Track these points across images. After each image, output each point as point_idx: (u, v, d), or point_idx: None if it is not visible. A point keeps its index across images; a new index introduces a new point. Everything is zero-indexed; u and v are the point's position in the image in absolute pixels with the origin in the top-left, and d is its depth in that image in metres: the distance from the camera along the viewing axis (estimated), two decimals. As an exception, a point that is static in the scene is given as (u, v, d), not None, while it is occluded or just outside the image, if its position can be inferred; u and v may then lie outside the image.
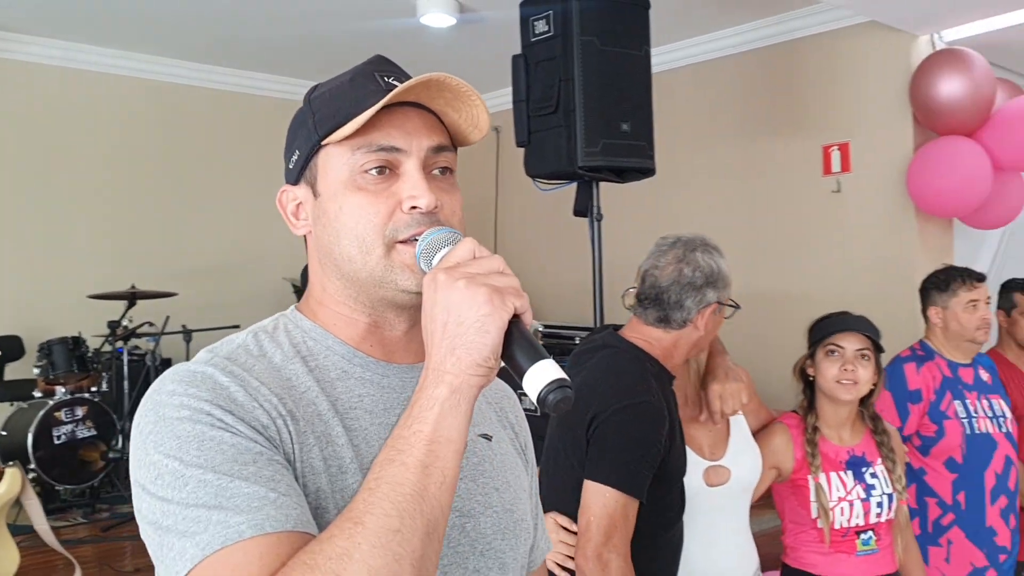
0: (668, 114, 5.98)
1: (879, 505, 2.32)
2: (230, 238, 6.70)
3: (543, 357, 0.88)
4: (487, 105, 1.09)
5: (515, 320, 0.89)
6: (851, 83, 5.37)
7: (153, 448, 0.88)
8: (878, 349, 2.39)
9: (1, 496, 3.40)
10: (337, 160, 1.02)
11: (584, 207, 3.98)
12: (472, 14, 5.24)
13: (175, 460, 0.87)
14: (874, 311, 3.19)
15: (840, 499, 2.31)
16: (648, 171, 3.94)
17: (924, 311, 3.11)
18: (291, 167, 1.08)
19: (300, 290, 6.69)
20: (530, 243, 7.18)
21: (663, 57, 5.94)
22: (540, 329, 5.98)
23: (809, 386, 2.47)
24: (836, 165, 5.46)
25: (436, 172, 1.05)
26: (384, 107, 0.98)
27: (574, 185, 3.99)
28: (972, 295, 2.98)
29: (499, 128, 6.81)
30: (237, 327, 6.02)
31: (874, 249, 5.27)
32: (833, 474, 2.35)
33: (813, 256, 5.53)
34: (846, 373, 2.34)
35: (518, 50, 3.97)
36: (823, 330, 2.41)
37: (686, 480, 2.05)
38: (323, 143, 1.03)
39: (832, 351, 2.37)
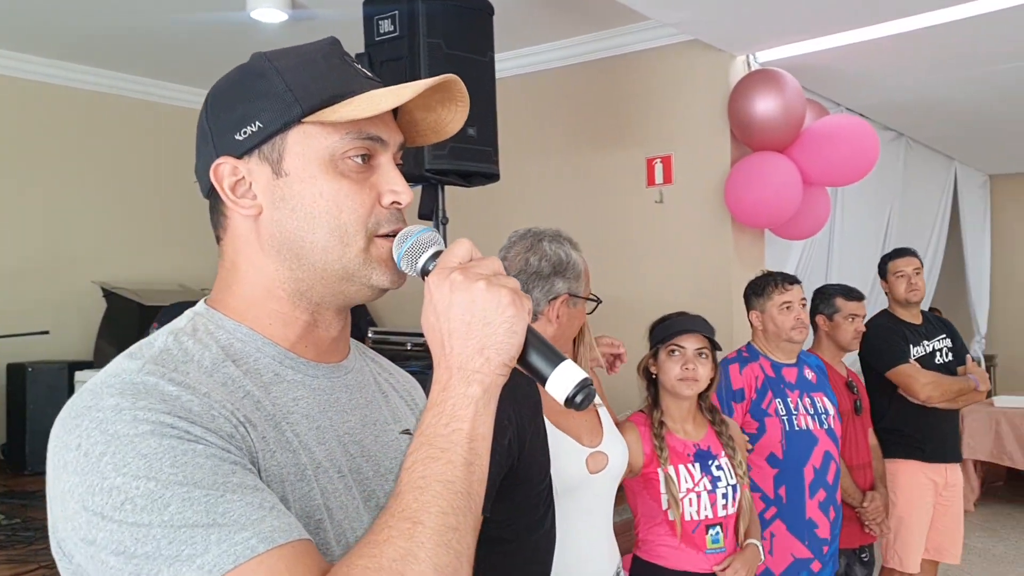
0: (506, 121, 6.08)
1: (724, 496, 2.46)
2: (34, 239, 6.22)
3: (563, 359, 0.93)
4: None
5: (528, 325, 0.94)
6: (674, 99, 5.64)
7: (113, 471, 0.80)
8: (715, 347, 2.53)
9: None
10: (318, 141, 0.98)
11: (429, 210, 3.98)
12: (304, 11, 5.11)
13: (148, 480, 0.79)
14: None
15: (689, 490, 2.43)
16: (493, 176, 4.00)
17: (748, 316, 3.31)
18: (240, 138, 0.99)
19: (112, 294, 6.31)
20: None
21: (500, 65, 6.03)
22: (370, 336, 5.91)
23: (652, 383, 2.58)
24: (659, 177, 5.70)
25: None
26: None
27: (419, 188, 3.98)
28: (785, 297, 3.20)
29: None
30: (46, 333, 5.63)
31: (693, 257, 5.55)
32: (681, 466, 2.46)
33: (639, 263, 5.76)
34: (687, 371, 2.47)
35: (353, 49, 3.91)
36: (665, 331, 2.54)
37: (569, 470, 2.09)
38: (304, 120, 0.98)
39: (673, 351, 2.49)
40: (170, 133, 6.71)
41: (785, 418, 3.10)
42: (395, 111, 1.06)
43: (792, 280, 3.26)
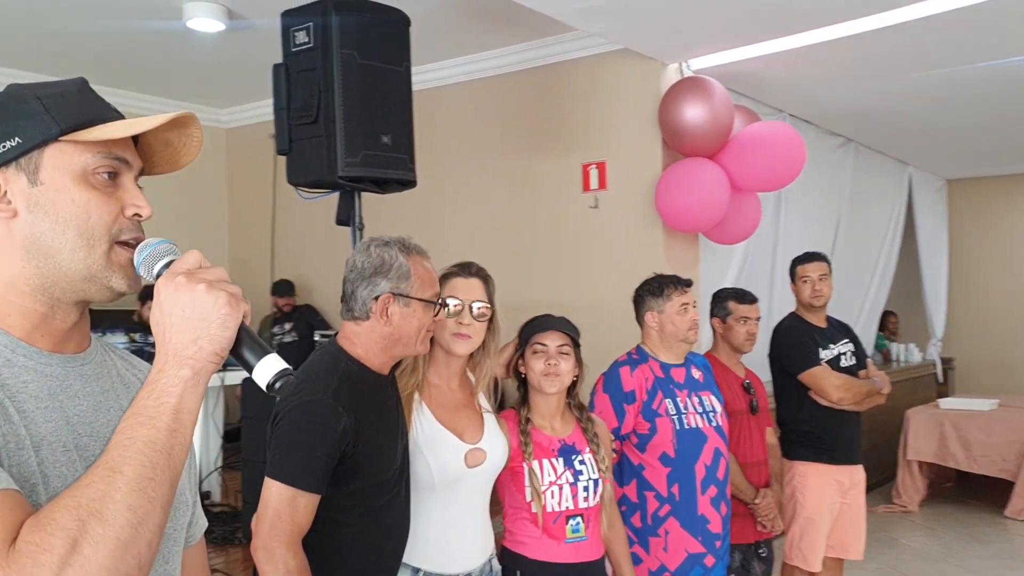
0: (438, 128, 6.20)
1: (586, 489, 2.57)
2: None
3: (268, 352, 1.08)
4: (266, 110, 1.28)
5: (241, 322, 1.08)
6: (608, 106, 5.75)
7: None
8: (576, 345, 2.65)
9: None
10: (71, 157, 1.12)
11: (346, 216, 4.08)
12: (241, 20, 5.22)
13: None
14: (625, 318, 3.50)
15: (551, 483, 2.54)
16: (409, 183, 4.09)
17: (639, 317, 3.40)
18: (2, 150, 1.12)
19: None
20: (306, 250, 7.20)
21: (434, 74, 6.14)
22: (317, 338, 6.00)
23: (522, 383, 2.69)
24: (595, 182, 5.81)
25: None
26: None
27: (335, 195, 4.08)
28: (683, 299, 3.30)
29: (275, 135, 6.79)
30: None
31: (627, 261, 5.64)
32: (545, 460, 2.58)
33: (574, 267, 5.87)
34: (550, 367, 2.58)
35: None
36: (530, 331, 2.64)
37: (449, 464, 2.27)
38: (60, 138, 1.11)
39: (537, 349, 2.60)
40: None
41: (675, 417, 3.18)
42: (135, 140, 1.18)
43: (688, 283, 3.36)
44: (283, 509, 1.92)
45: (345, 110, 3.81)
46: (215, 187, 7.74)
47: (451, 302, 2.36)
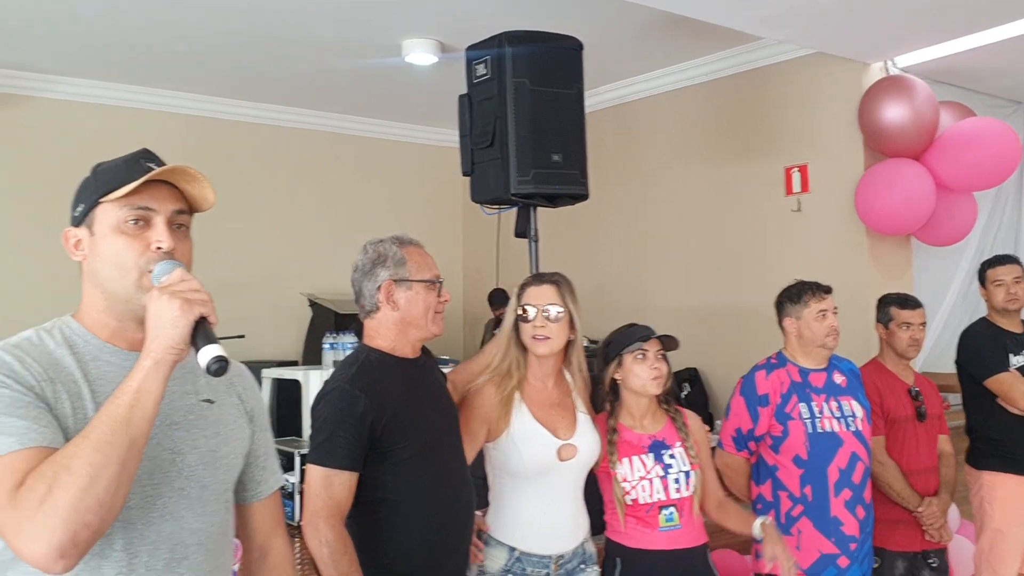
0: (640, 139, 6.43)
1: (676, 481, 2.75)
2: (250, 255, 7.34)
3: (211, 342, 1.41)
4: None
5: (203, 320, 1.42)
6: (808, 108, 5.71)
7: None
8: (668, 348, 2.85)
9: None
10: (109, 213, 1.54)
11: (523, 229, 4.44)
12: (453, 52, 5.74)
13: None
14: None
15: (641, 478, 2.74)
16: (580, 196, 4.37)
17: (780, 323, 3.47)
18: (76, 214, 1.59)
19: (316, 305, 7.28)
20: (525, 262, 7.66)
21: (633, 88, 6.39)
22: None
23: (613, 391, 2.89)
24: (797, 185, 5.79)
25: (176, 227, 1.58)
26: (146, 182, 1.51)
27: (514, 210, 4.46)
28: (821, 305, 3.34)
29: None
30: (242, 336, 6.64)
31: (829, 265, 5.56)
32: (635, 457, 2.77)
33: (774, 272, 5.85)
34: (655, 371, 2.77)
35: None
36: (628, 339, 2.83)
37: (542, 456, 2.54)
38: (100, 200, 1.54)
39: (640, 355, 2.79)
40: (356, 160, 7.71)
41: (808, 421, 3.23)
42: (178, 188, 1.59)
43: (827, 289, 3.39)
44: (320, 489, 2.20)
45: (517, 133, 4.17)
46: (451, 203, 8.39)
47: (527, 309, 2.64)
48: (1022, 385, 3.88)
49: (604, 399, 2.88)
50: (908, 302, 3.83)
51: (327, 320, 7.14)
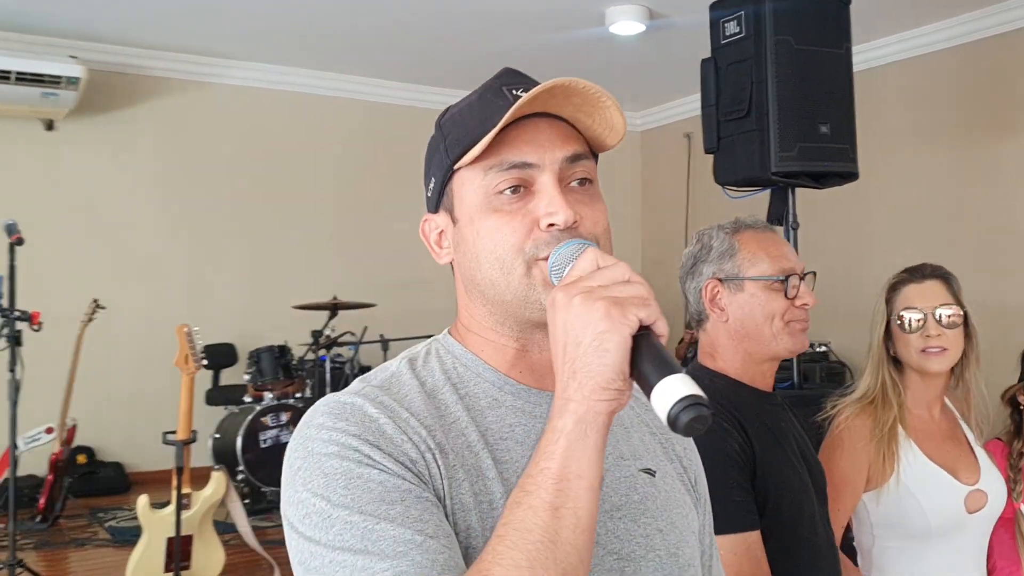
0: (869, 115, 5.67)
1: None
2: (424, 251, 6.87)
3: (673, 371, 0.79)
4: (680, 110, 1.03)
5: (644, 333, 0.81)
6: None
7: (302, 485, 0.87)
8: None
9: (207, 498, 3.60)
10: (470, 184, 0.98)
11: (779, 215, 3.80)
12: (662, 20, 5.14)
13: (322, 499, 0.85)
14: None
15: None
16: (851, 175, 3.72)
17: None
18: (429, 195, 1.05)
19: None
20: (674, 253, 7.03)
21: (865, 55, 5.63)
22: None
23: (1017, 411, 2.25)
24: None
25: (574, 184, 0.98)
26: (514, 121, 0.93)
27: (766, 192, 3.82)
28: None
29: (690, 135, 6.69)
30: (431, 336, 6.18)
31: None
32: None
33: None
34: None
35: (708, 55, 3.84)
36: None
37: (945, 508, 1.92)
38: (455, 167, 0.99)
39: None
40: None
41: None
42: (566, 121, 0.99)
43: None
44: (742, 558, 1.59)
45: (779, 100, 3.54)
46: (630, 189, 7.82)
47: (908, 316, 2.00)
48: None
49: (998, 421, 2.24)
50: None
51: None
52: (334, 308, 5.68)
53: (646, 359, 0.81)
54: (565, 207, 0.94)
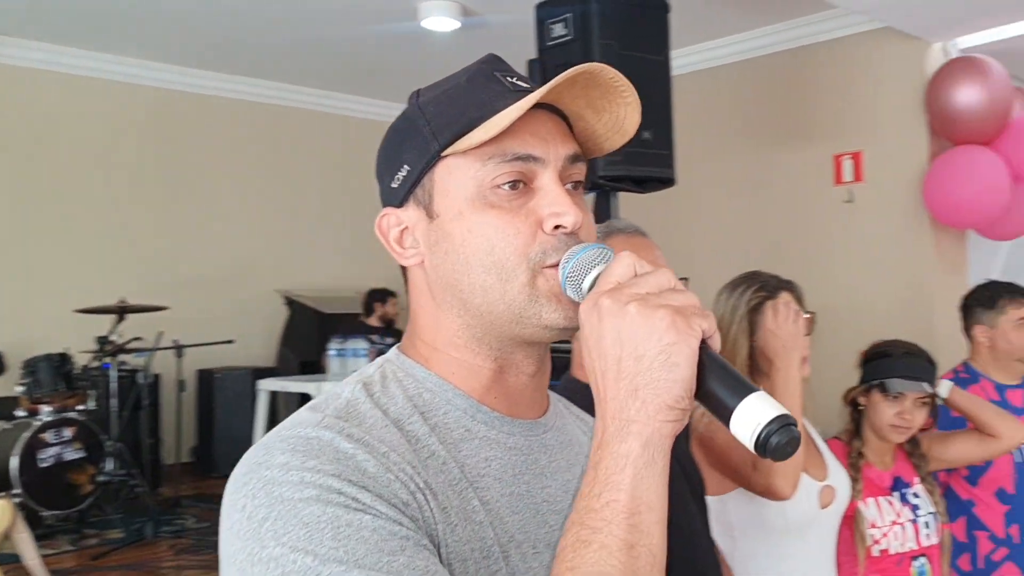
0: (679, 122, 5.86)
1: (927, 525, 2.26)
2: (222, 249, 6.48)
3: (752, 390, 0.72)
4: None
5: (703, 346, 0.73)
6: (864, 91, 5.25)
7: (272, 540, 0.71)
8: (935, 396, 2.31)
9: (-11, 530, 3.19)
10: (462, 173, 0.85)
11: (602, 220, 3.82)
12: (476, 18, 5.07)
13: (306, 554, 0.70)
14: (889, 323, 3.09)
15: (893, 523, 2.23)
16: (669, 181, 3.82)
17: (967, 330, 2.96)
18: (395, 186, 0.90)
19: (293, 302, 6.49)
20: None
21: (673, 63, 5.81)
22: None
23: (857, 411, 2.36)
24: (848, 175, 5.33)
25: (568, 186, 0.87)
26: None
27: (590, 196, 3.84)
28: (1021, 312, 2.84)
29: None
30: (231, 342, 5.85)
31: (888, 260, 5.16)
32: (882, 499, 2.26)
33: (826, 267, 5.39)
34: (903, 420, 2.25)
35: (526, 54, 3.81)
36: (886, 373, 2.29)
37: (801, 506, 1.93)
38: (443, 154, 0.85)
39: (893, 396, 2.27)
40: (344, 143, 6.88)
41: (1016, 448, 2.76)
42: (567, 120, 0.90)
43: None
44: None
45: (607, 105, 3.56)
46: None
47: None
48: None
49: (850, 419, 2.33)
50: None
51: (308, 321, 6.40)
52: (121, 311, 5.22)
53: (715, 375, 0.73)
54: (574, 208, 0.83)
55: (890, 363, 2.33)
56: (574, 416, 1.02)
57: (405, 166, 0.88)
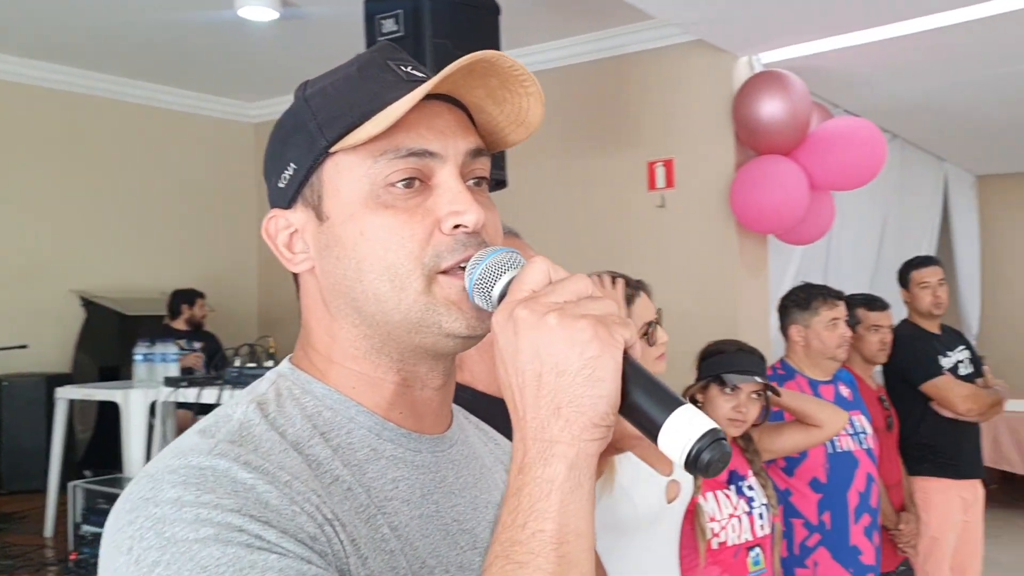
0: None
1: (761, 516, 2.39)
2: (10, 244, 5.94)
3: (679, 403, 0.68)
4: None
5: (626, 357, 0.69)
6: (676, 100, 5.47)
7: None
8: (768, 389, 2.43)
9: None
10: (352, 172, 0.79)
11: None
12: (296, 8, 4.90)
13: None
14: (695, 322, 3.24)
15: (731, 516, 2.34)
16: (501, 183, 3.83)
17: (784, 329, 3.14)
18: (282, 186, 0.83)
19: (91, 303, 6.05)
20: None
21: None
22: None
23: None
24: (661, 181, 5.54)
25: (471, 183, 0.83)
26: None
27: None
28: (833, 313, 3.04)
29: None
30: (24, 347, 5.37)
31: (697, 263, 5.39)
32: (720, 492, 2.35)
33: (639, 269, 5.51)
34: (739, 413, 2.37)
35: (348, 48, 3.67)
36: (722, 368, 2.39)
37: (650, 500, 1.96)
38: (332, 150, 0.79)
39: (728, 390, 2.37)
40: (152, 136, 6.49)
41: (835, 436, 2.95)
42: (468, 113, 0.85)
43: (839, 295, 3.10)
44: None
45: (439, 104, 3.52)
46: (246, 186, 7.40)
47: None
48: (959, 388, 3.82)
49: None
50: (876, 303, 3.64)
51: (108, 324, 5.99)
52: None
53: (639, 388, 0.69)
54: (475, 205, 0.79)
55: (726, 359, 2.43)
56: (474, 427, 0.98)
57: (291, 164, 0.82)
